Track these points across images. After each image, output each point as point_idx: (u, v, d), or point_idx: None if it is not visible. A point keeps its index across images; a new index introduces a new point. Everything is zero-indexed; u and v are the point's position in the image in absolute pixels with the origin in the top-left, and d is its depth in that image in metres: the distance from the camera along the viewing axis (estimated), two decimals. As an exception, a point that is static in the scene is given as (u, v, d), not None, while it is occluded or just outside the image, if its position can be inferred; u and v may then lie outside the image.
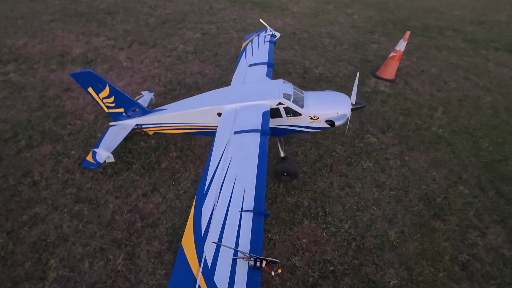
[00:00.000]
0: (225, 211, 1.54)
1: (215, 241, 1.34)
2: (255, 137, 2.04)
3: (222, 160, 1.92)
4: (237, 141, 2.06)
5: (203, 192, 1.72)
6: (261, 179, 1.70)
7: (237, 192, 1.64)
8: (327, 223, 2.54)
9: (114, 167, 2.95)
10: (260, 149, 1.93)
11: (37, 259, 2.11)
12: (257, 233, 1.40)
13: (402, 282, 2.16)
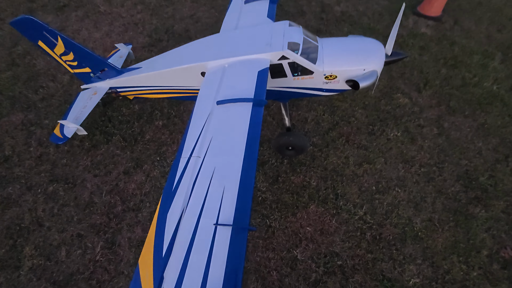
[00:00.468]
0: (195, 222, 1.11)
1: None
2: (245, 110, 1.47)
3: (199, 143, 1.41)
4: (220, 116, 1.51)
5: (170, 190, 1.28)
6: (248, 176, 1.21)
7: (213, 193, 1.18)
8: (338, 208, 2.12)
9: (92, 139, 2.56)
10: (251, 129, 1.38)
11: (11, 246, 1.93)
12: (235, 260, 0.98)
13: (425, 281, 1.80)
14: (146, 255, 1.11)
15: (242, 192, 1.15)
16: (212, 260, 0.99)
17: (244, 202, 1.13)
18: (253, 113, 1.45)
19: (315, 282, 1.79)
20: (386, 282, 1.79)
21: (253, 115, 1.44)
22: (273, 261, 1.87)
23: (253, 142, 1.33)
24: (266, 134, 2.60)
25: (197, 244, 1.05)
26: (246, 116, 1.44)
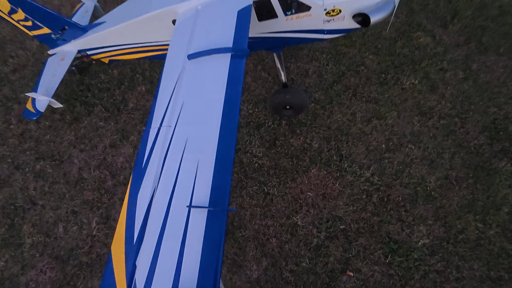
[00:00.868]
0: (167, 204, 0.95)
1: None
2: (221, 64, 1.17)
3: (170, 109, 1.17)
4: (192, 74, 1.22)
5: (140, 167, 1.10)
6: (227, 147, 0.99)
7: (186, 170, 0.99)
8: (342, 170, 1.93)
9: (73, 112, 2.36)
10: (230, 89, 1.11)
11: (10, 225, 1.93)
12: (212, 247, 0.83)
13: (435, 241, 1.69)
14: (118, 241, 0.98)
15: (220, 167, 0.95)
16: (185, 248, 0.85)
17: (222, 179, 0.93)
18: (232, 67, 1.15)
19: (317, 247, 1.71)
20: (392, 244, 1.69)
21: (232, 69, 1.15)
22: (272, 228, 1.78)
23: (233, 104, 1.07)
24: (261, 93, 2.30)
25: (169, 229, 0.90)
26: (223, 71, 1.15)
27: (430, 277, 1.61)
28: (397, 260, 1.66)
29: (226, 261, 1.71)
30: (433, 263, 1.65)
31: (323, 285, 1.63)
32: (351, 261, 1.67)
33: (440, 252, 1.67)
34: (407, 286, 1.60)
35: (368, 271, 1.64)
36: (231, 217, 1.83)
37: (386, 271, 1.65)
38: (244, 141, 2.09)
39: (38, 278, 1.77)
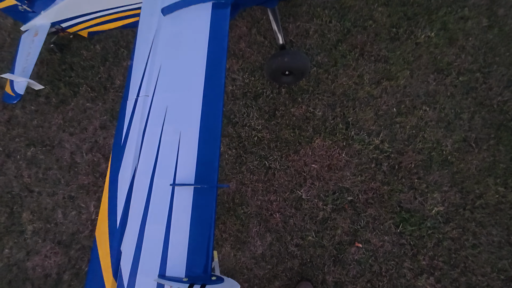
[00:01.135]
0: (149, 183, 0.83)
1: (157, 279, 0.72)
2: (201, 16, 0.98)
3: (147, 76, 1.01)
4: (168, 31, 1.04)
5: (120, 143, 0.97)
6: (212, 114, 0.84)
7: (167, 143, 0.86)
8: (348, 138, 1.77)
9: (58, 94, 2.21)
10: (212, 45, 0.93)
11: (9, 213, 1.91)
12: (200, 230, 0.73)
13: (450, 208, 1.57)
14: (101, 226, 0.89)
15: (205, 139, 0.81)
16: (171, 231, 0.75)
17: (208, 152, 0.80)
18: (214, 19, 0.96)
19: (323, 220, 1.63)
20: (404, 214, 1.59)
21: (215, 22, 0.95)
22: (275, 203, 1.69)
23: (217, 64, 0.90)
24: (257, 60, 2.08)
25: (152, 212, 0.79)
26: (204, 25, 0.95)
27: (444, 245, 1.53)
28: (408, 230, 1.57)
29: (229, 238, 1.66)
30: (447, 230, 1.55)
31: (330, 258, 1.57)
32: (360, 233, 1.59)
33: (456, 219, 1.56)
34: (419, 255, 1.53)
35: (377, 242, 1.57)
36: (231, 194, 1.74)
37: (397, 241, 1.57)
38: (241, 113, 1.93)
39: (43, 263, 1.78)
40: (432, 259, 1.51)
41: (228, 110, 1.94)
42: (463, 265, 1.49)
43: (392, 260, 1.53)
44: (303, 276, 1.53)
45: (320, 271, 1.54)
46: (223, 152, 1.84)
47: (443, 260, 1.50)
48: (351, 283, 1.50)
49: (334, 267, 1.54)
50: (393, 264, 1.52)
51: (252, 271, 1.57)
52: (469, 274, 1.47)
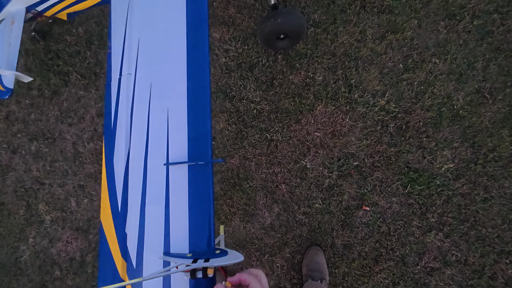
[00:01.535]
0: (143, 165, 0.81)
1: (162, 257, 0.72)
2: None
3: (126, 51, 0.94)
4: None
5: (110, 128, 0.94)
6: (199, 85, 0.78)
7: (156, 121, 0.81)
8: (352, 102, 1.68)
9: (50, 85, 2.15)
10: (191, 7, 0.83)
11: (26, 206, 1.98)
12: (199, 207, 0.71)
13: (461, 164, 1.52)
14: (105, 211, 0.90)
15: (194, 113, 0.76)
16: (170, 210, 0.74)
17: (199, 127, 0.75)
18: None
19: (329, 187, 1.62)
20: (412, 174, 1.55)
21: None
22: (280, 175, 1.68)
23: (199, 28, 0.81)
24: (249, 26, 1.92)
25: (150, 193, 0.78)
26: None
27: (453, 201, 1.51)
28: (417, 189, 1.54)
29: (237, 212, 1.69)
30: (457, 187, 1.52)
31: (338, 223, 1.59)
32: (367, 196, 1.58)
33: (467, 175, 1.52)
34: (428, 213, 1.52)
35: (385, 204, 1.56)
36: (236, 170, 1.74)
37: (405, 201, 1.55)
38: (238, 86, 1.84)
39: (66, 248, 1.89)
40: (441, 216, 1.50)
41: (223, 84, 1.85)
42: (473, 219, 1.48)
43: (400, 220, 1.53)
44: (312, 242, 1.57)
45: (329, 236, 1.57)
46: (223, 129, 1.79)
47: (452, 216, 1.50)
48: (360, 245, 1.53)
49: (342, 231, 1.56)
50: (401, 224, 1.53)
51: (262, 240, 1.62)
52: (479, 227, 1.47)
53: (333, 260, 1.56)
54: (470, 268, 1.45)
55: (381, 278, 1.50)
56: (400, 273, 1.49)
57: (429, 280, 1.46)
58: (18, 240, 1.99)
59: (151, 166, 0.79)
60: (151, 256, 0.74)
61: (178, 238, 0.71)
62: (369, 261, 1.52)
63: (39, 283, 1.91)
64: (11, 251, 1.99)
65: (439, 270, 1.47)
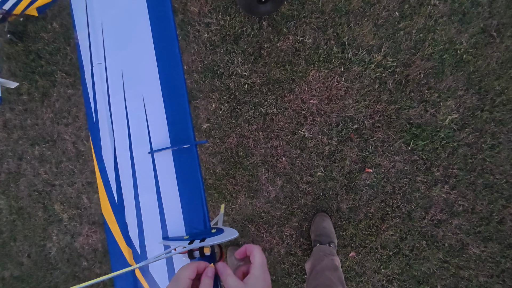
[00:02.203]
0: (129, 156, 0.80)
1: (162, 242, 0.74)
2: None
3: (92, 40, 0.88)
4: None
5: (93, 122, 0.92)
6: (171, 66, 0.73)
7: (133, 110, 0.79)
8: (346, 62, 1.58)
9: (37, 87, 2.12)
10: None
11: (43, 208, 2.08)
12: (190, 190, 0.71)
13: (466, 113, 1.45)
14: (104, 204, 0.92)
15: (170, 96, 0.72)
16: (162, 197, 0.74)
17: (177, 110, 0.72)
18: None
19: (330, 154, 1.59)
20: (414, 130, 1.50)
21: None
22: (279, 148, 1.66)
23: (162, 5, 0.74)
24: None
25: (140, 183, 0.78)
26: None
27: (459, 152, 1.47)
28: (420, 145, 1.50)
29: (241, 189, 1.71)
30: (463, 137, 1.46)
31: (342, 187, 1.59)
32: (369, 159, 1.55)
33: (472, 124, 1.45)
34: (433, 167, 1.49)
35: (388, 164, 1.54)
36: (234, 149, 1.72)
37: (409, 158, 1.52)
38: (225, 62, 1.75)
39: (88, 241, 2.00)
40: (447, 169, 1.47)
41: (210, 62, 1.77)
42: (480, 168, 1.44)
43: (404, 178, 1.51)
44: (318, 209, 1.59)
45: (334, 201, 1.58)
46: (216, 109, 1.75)
47: (458, 167, 1.46)
48: (365, 206, 1.54)
49: (347, 195, 1.57)
50: (406, 181, 1.51)
51: (269, 213, 1.65)
52: (486, 175, 1.44)
53: (340, 223, 1.59)
54: (477, 216, 1.45)
55: (388, 235, 1.53)
56: (407, 228, 1.52)
57: (436, 232, 1.48)
58: (43, 239, 2.12)
59: (137, 156, 0.77)
60: (152, 242, 0.76)
61: (174, 222, 0.72)
62: (375, 221, 1.55)
63: (70, 274, 2.07)
64: (40, 249, 2.13)
65: (446, 221, 1.48)
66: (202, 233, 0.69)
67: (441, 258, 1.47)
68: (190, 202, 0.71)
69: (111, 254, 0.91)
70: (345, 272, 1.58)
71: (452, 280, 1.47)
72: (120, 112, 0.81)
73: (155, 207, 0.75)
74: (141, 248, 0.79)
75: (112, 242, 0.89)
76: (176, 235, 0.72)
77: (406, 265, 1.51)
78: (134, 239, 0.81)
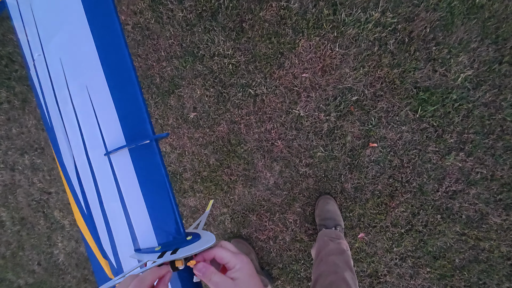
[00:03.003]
0: (87, 161, 0.69)
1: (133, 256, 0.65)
2: None
3: (27, 29, 0.75)
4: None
5: (48, 125, 0.81)
6: (113, 50, 0.59)
7: (80, 106, 0.67)
8: (339, 24, 1.39)
9: (16, 95, 2.02)
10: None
11: (44, 216, 2.06)
12: (155, 191, 0.60)
13: (481, 68, 1.26)
14: (76, 215, 0.83)
15: (117, 85, 0.59)
16: (127, 204, 0.63)
17: (129, 102, 0.59)
18: None
19: (329, 132, 1.45)
20: (421, 94, 1.33)
21: None
22: (273, 131, 1.53)
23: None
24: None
25: (102, 190, 0.68)
26: None
27: (475, 114, 1.30)
28: (430, 110, 1.34)
29: (238, 179, 1.61)
30: (479, 96, 1.29)
31: (345, 166, 1.46)
32: (373, 132, 1.40)
33: (489, 80, 1.27)
34: (445, 134, 1.34)
35: (394, 135, 1.39)
36: (226, 137, 1.60)
37: (417, 127, 1.37)
38: (204, 42, 1.58)
39: (92, 245, 1.98)
40: (461, 134, 1.32)
41: (188, 44, 1.60)
42: (500, 129, 1.28)
43: (413, 149, 1.37)
44: (321, 192, 1.48)
45: (337, 182, 1.46)
46: (201, 96, 1.61)
47: (474, 131, 1.30)
48: (372, 184, 1.42)
49: (351, 174, 1.44)
50: (416, 153, 1.37)
51: (270, 201, 1.56)
52: (507, 137, 1.27)
53: (345, 204, 1.48)
54: (497, 183, 1.31)
55: (399, 212, 1.42)
56: (419, 203, 1.40)
57: (452, 204, 1.36)
58: (49, 246, 2.12)
59: (94, 159, 0.66)
60: (126, 255, 0.67)
61: (143, 231, 0.62)
62: (384, 198, 1.43)
63: (81, 277, 2.08)
64: (48, 256, 2.14)
65: (462, 192, 1.35)
66: (176, 242, 0.58)
67: (458, 231, 1.36)
68: (157, 207, 0.60)
69: (93, 266, 0.83)
70: (355, 254, 1.49)
71: (471, 252, 1.36)
72: (68, 109, 0.69)
73: (121, 215, 0.65)
74: (116, 261, 0.70)
75: (91, 254, 0.81)
76: (149, 246, 0.62)
77: (420, 241, 1.41)
78: (108, 251, 0.72)
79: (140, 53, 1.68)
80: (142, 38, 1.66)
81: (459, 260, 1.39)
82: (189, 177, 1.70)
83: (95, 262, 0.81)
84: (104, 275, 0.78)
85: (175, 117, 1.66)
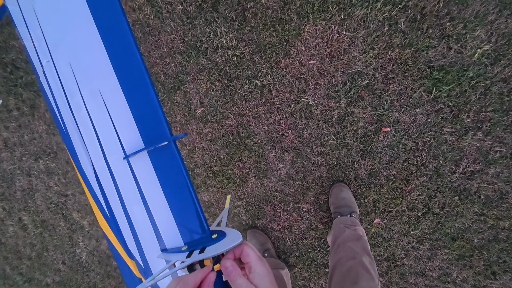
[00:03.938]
0: (106, 166, 0.69)
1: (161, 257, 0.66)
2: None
3: (33, 35, 0.74)
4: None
5: (64, 133, 0.82)
6: (123, 50, 0.58)
7: (95, 110, 0.66)
8: (346, 6, 1.33)
9: (24, 100, 2.04)
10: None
11: (64, 218, 2.13)
12: (177, 192, 0.60)
13: (500, 41, 1.20)
14: (99, 219, 0.85)
15: (130, 87, 0.58)
16: (150, 206, 0.64)
17: (143, 103, 0.58)
18: None
19: (340, 119, 1.43)
20: (436, 74, 1.28)
21: None
22: (283, 122, 1.51)
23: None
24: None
25: (124, 194, 0.68)
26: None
27: (493, 91, 1.25)
28: (445, 90, 1.29)
29: (250, 172, 1.61)
30: (497, 72, 1.23)
31: (358, 153, 1.44)
32: (385, 116, 1.37)
33: (508, 54, 1.21)
34: (462, 113, 1.30)
35: (408, 118, 1.35)
36: (235, 130, 1.59)
37: (432, 108, 1.33)
38: (207, 35, 1.54)
39: (112, 242, 2.05)
40: (479, 113, 1.27)
41: (190, 38, 1.57)
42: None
43: (428, 131, 1.33)
44: (334, 180, 1.47)
45: (351, 169, 1.45)
46: (207, 90, 1.59)
47: (492, 109, 1.25)
48: (386, 169, 1.40)
49: (364, 161, 1.43)
50: (431, 135, 1.33)
51: (283, 191, 1.56)
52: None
53: (360, 191, 1.47)
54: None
55: (415, 196, 1.40)
56: (435, 186, 1.38)
57: (470, 184, 1.34)
58: (72, 246, 2.21)
59: (113, 164, 0.66)
60: (152, 255, 0.68)
61: (168, 232, 0.63)
62: (399, 183, 1.41)
63: (104, 274, 2.17)
64: (71, 255, 2.23)
65: (480, 172, 1.32)
66: (202, 241, 0.59)
67: (477, 212, 1.34)
68: (180, 207, 0.61)
69: (120, 266, 0.85)
70: (371, 239, 1.50)
71: (490, 232, 1.35)
72: (83, 115, 0.68)
73: (145, 217, 0.65)
74: (143, 261, 0.72)
75: (117, 255, 0.83)
76: (175, 246, 0.63)
77: (438, 223, 1.40)
78: (134, 252, 0.73)
79: (142, 50, 1.65)
80: (143, 35, 1.63)
81: (478, 240, 1.38)
82: (201, 172, 1.71)
83: (121, 263, 0.83)
84: (131, 274, 0.81)
85: (182, 113, 1.66)
